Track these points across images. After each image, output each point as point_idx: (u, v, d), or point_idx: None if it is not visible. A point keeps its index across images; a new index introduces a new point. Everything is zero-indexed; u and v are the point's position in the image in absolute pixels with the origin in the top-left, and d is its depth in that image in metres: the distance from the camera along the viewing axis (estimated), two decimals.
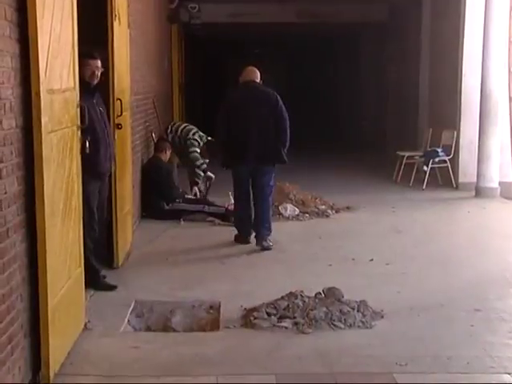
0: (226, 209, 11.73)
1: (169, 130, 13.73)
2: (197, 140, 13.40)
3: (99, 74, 7.88)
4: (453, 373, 6.01)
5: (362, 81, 25.54)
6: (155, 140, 13.03)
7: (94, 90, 7.87)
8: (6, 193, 5.03)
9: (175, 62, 18.63)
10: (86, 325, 6.94)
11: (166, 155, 12.55)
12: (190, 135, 13.45)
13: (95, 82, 7.84)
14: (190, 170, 13.56)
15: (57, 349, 5.87)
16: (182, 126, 13.90)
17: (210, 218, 11.78)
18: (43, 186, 5.57)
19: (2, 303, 4.98)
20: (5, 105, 5.03)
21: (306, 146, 20.45)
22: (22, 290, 5.42)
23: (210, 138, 13.04)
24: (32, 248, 5.58)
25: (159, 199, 11.91)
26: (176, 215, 11.72)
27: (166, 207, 11.93)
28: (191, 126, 13.85)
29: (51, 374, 5.76)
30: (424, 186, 14.96)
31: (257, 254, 9.90)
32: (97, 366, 6.18)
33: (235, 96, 10.41)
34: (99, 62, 7.85)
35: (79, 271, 6.76)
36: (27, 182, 5.50)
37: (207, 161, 13.31)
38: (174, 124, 14.26)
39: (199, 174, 13.28)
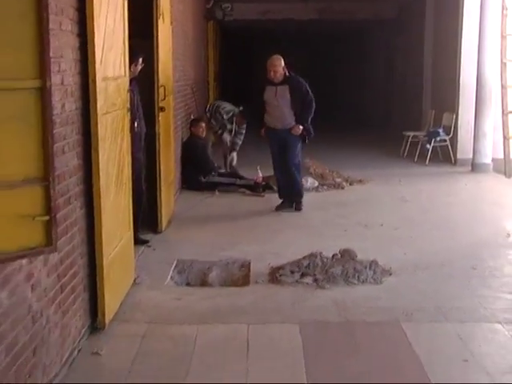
0: (255, 181, 11.75)
1: (206, 109, 13.84)
2: (228, 113, 13.55)
3: (140, 67, 7.96)
4: (452, 322, 6.05)
5: (371, 69, 25.41)
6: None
7: (133, 80, 7.95)
8: (67, 166, 5.09)
9: (211, 54, 18.61)
10: (135, 279, 7.01)
11: (202, 133, 12.56)
12: (221, 110, 13.63)
13: (136, 73, 7.91)
14: (228, 140, 13.66)
15: (111, 299, 5.96)
16: (218, 103, 14.08)
17: (241, 190, 11.81)
18: (99, 160, 5.62)
19: (66, 259, 5.07)
20: (67, 90, 5.08)
21: (324, 127, 20.39)
22: (81, 249, 5.49)
23: (241, 108, 13.26)
24: (89, 214, 5.64)
25: (197, 173, 11.95)
26: (211, 187, 11.76)
27: (203, 180, 11.96)
28: (224, 104, 13.94)
29: (106, 321, 5.85)
30: (427, 162, 14.92)
31: (282, 220, 9.93)
32: (145, 314, 6.27)
33: (265, 79, 10.39)
34: (141, 59, 7.92)
35: (129, 234, 6.82)
36: (85, 157, 5.55)
37: (244, 126, 13.34)
38: (213, 103, 14.35)
39: (236, 143, 13.32)
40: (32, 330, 4.37)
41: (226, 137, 13.62)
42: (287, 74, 10.14)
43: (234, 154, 13.24)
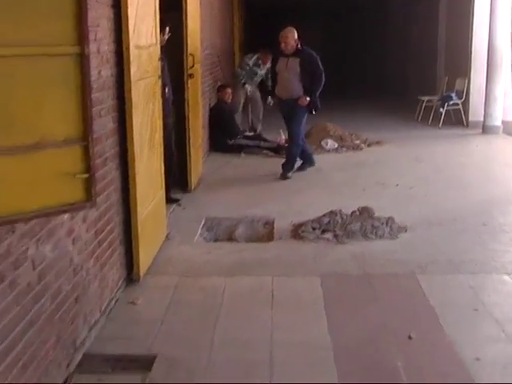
0: (278, 143, 11.75)
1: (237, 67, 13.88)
2: (251, 58, 13.67)
3: (167, 37, 7.95)
4: (464, 273, 6.08)
5: (389, 37, 25.18)
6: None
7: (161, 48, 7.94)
8: (104, 129, 5.13)
9: (236, 25, 18.48)
10: (167, 236, 7.08)
11: (228, 99, 12.55)
12: (245, 58, 13.86)
13: (164, 42, 7.90)
14: (249, 90, 13.71)
15: (145, 254, 6.04)
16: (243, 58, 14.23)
17: (265, 151, 11.82)
18: (133, 124, 5.66)
19: (103, 216, 5.13)
20: (103, 57, 5.11)
21: (344, 92, 20.31)
22: (117, 207, 5.55)
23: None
24: (124, 175, 5.69)
25: (223, 136, 11.96)
26: (237, 149, 11.77)
27: (229, 142, 11.98)
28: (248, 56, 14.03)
29: (141, 274, 5.93)
30: (440, 125, 14.82)
31: (303, 180, 9.94)
32: (176, 267, 6.35)
33: (278, 51, 10.33)
34: (168, 29, 7.89)
35: (161, 193, 6.87)
36: (120, 121, 5.58)
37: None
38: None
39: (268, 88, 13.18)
40: (73, 281, 4.44)
41: (248, 87, 13.62)
42: (299, 46, 9.96)
43: (270, 98, 13.08)
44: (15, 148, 2.65)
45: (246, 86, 13.62)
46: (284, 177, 10.02)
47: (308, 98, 9.84)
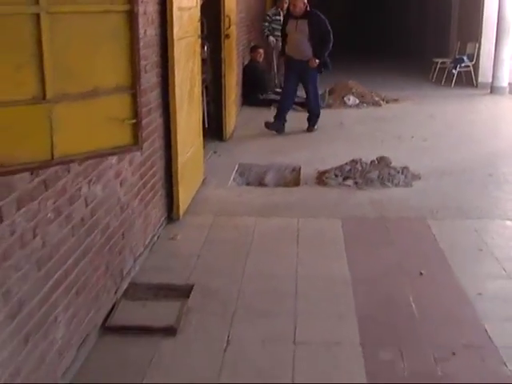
0: (305, 98, 11.65)
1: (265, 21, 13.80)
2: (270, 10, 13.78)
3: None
4: (470, 219, 6.07)
5: (408, 4, 24.77)
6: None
7: None
8: (148, 82, 5.14)
9: None
10: (204, 180, 7.12)
11: (260, 58, 12.46)
12: (267, 12, 13.83)
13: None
14: (271, 40, 13.54)
15: (184, 195, 6.08)
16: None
17: (293, 106, 11.74)
18: (174, 78, 5.66)
19: (147, 160, 5.16)
20: (148, 18, 5.10)
21: (365, 53, 20.11)
22: (160, 153, 5.58)
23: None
24: (166, 124, 5.71)
25: (255, 91, 11.92)
26: (268, 103, 11.69)
27: (261, 97, 11.94)
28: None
29: (181, 213, 5.99)
30: (452, 85, 14.63)
31: (327, 132, 9.90)
32: (212, 208, 6.40)
33: (288, 13, 10.14)
34: None
35: (199, 141, 6.90)
36: (163, 76, 5.59)
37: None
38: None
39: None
40: (121, 218, 4.50)
41: (271, 39, 13.51)
42: (308, 9, 9.67)
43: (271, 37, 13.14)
44: (73, 95, 2.68)
45: (270, 37, 13.50)
46: (310, 129, 9.99)
47: (317, 61, 9.61)
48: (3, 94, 2.47)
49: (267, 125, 9.77)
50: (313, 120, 10.09)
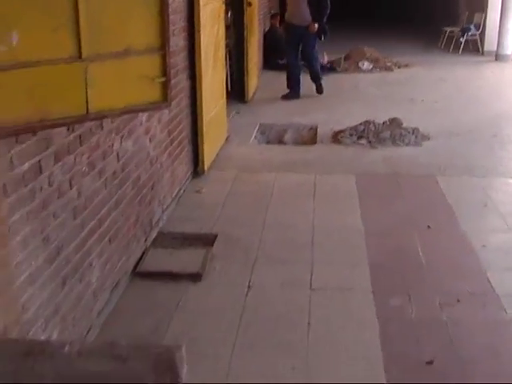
0: (321, 63, 11.47)
1: None
2: None
3: None
4: (476, 176, 6.01)
5: None
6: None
7: None
8: (176, 45, 5.09)
9: None
10: (227, 138, 7.09)
11: (280, 23, 12.30)
12: None
13: None
14: None
15: (208, 152, 6.06)
16: None
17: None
18: (200, 42, 5.60)
19: (175, 118, 5.14)
20: None
21: (379, 22, 19.81)
22: (186, 111, 5.56)
23: None
24: (193, 84, 5.67)
25: (275, 56, 11.77)
26: (287, 67, 11.57)
27: (280, 62, 11.80)
28: None
29: (205, 168, 5.98)
30: (460, 52, 14.38)
31: (342, 94, 9.79)
32: (235, 164, 6.38)
33: None
34: None
35: (223, 101, 6.85)
36: (189, 40, 5.53)
37: None
38: None
39: None
40: (150, 171, 4.49)
41: None
42: None
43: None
44: (107, 55, 2.66)
45: None
46: (320, 89, 9.75)
47: (317, 25, 9.27)
48: (43, 53, 2.46)
49: (284, 97, 9.49)
50: (317, 80, 9.79)
